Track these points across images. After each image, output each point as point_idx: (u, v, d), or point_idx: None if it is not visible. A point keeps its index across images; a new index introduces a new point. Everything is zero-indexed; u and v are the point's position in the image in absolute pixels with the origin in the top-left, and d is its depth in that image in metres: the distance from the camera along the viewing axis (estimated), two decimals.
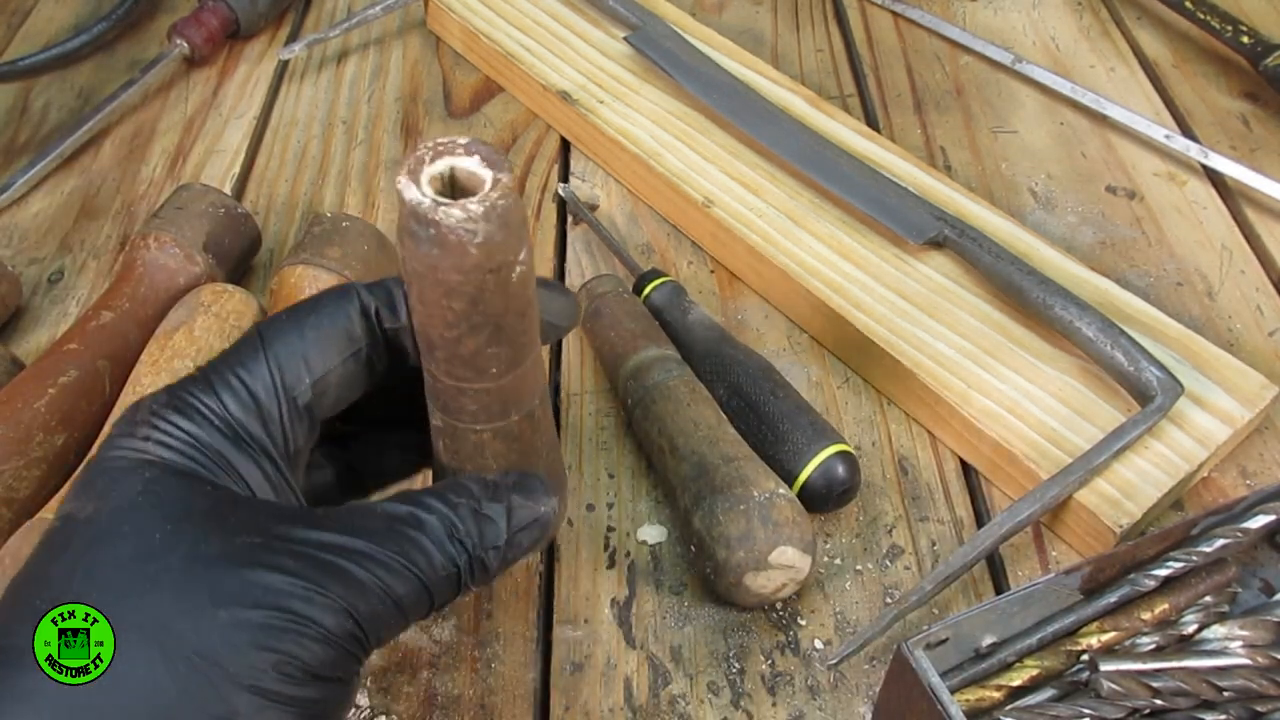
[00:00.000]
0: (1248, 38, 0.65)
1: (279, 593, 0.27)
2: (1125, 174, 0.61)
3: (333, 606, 0.27)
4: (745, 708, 0.39)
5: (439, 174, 0.27)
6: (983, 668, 0.37)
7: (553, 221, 0.59)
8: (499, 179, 0.27)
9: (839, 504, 0.44)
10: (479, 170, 0.27)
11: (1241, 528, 0.38)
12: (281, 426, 0.31)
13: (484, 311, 0.28)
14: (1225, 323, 0.52)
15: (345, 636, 0.28)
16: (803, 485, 0.43)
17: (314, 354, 0.31)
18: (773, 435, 0.44)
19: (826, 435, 0.43)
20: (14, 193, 0.62)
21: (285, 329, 0.31)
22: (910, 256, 0.52)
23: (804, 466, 0.43)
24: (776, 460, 0.43)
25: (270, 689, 0.26)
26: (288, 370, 0.31)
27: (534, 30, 0.67)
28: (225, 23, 0.71)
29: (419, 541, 0.29)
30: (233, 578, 0.27)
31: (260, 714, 0.26)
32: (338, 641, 0.27)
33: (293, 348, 0.31)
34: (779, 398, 0.45)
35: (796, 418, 0.44)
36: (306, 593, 0.27)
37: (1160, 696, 0.35)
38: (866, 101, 0.67)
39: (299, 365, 0.31)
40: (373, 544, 0.28)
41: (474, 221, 0.26)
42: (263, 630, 0.26)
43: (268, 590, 0.27)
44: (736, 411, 0.45)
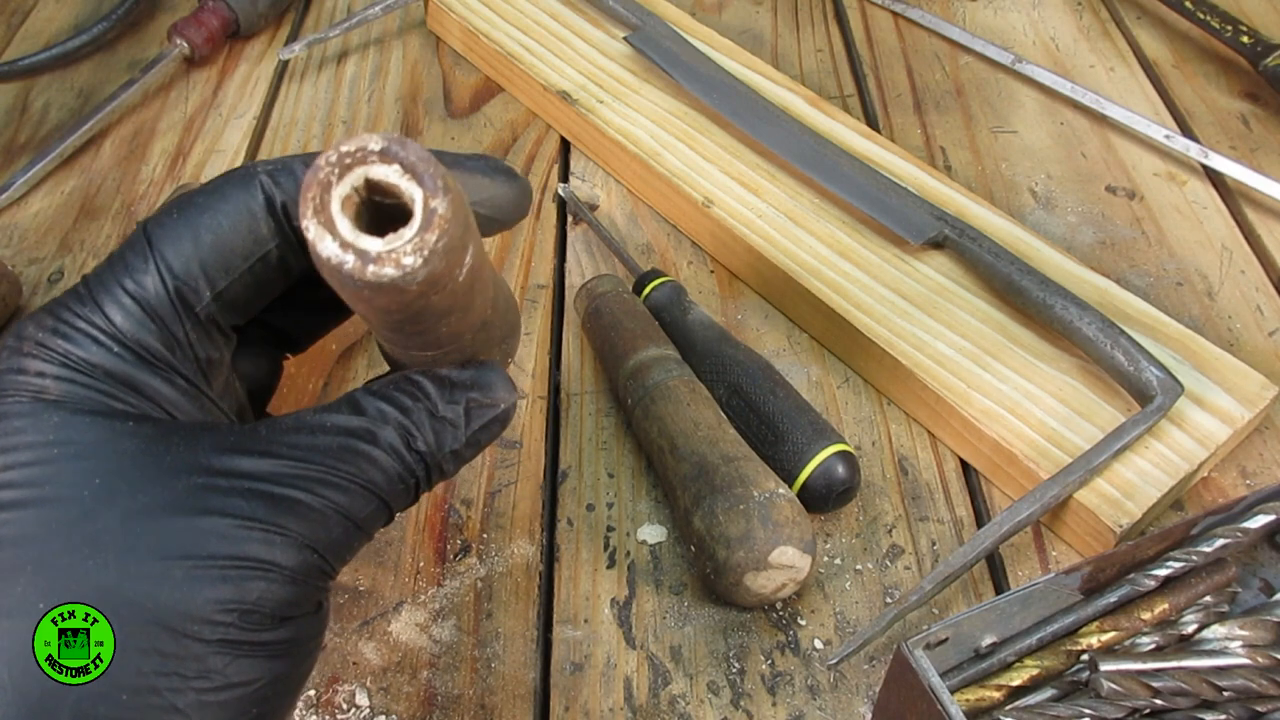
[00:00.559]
0: (1248, 38, 0.65)
1: (234, 539, 0.25)
2: (1125, 174, 0.61)
3: (293, 543, 0.25)
4: (745, 708, 0.39)
5: (353, 193, 0.22)
6: (983, 668, 0.37)
7: (553, 221, 0.59)
8: (431, 203, 0.22)
9: (839, 504, 0.44)
10: (403, 185, 0.22)
11: (1241, 528, 0.38)
12: (187, 340, 0.27)
13: (429, 316, 0.25)
14: (1225, 323, 0.52)
15: (309, 571, 0.26)
16: (803, 485, 0.43)
17: (212, 261, 0.27)
18: (772, 435, 0.44)
19: (826, 435, 0.43)
20: (14, 193, 0.62)
21: (177, 229, 0.27)
22: (910, 256, 0.52)
23: (804, 466, 0.43)
24: (776, 460, 0.43)
25: (239, 639, 0.25)
26: (184, 280, 0.27)
27: (534, 30, 0.67)
28: (225, 23, 0.71)
29: (374, 457, 0.27)
30: (181, 528, 0.24)
31: (233, 665, 0.25)
32: (302, 578, 0.26)
33: (185, 253, 0.27)
34: (779, 397, 0.45)
35: (796, 417, 0.44)
36: (265, 535, 0.25)
37: (1160, 696, 0.35)
38: (866, 101, 0.66)
39: (196, 275, 0.27)
40: (326, 467, 0.26)
41: (412, 270, 0.22)
42: (222, 582, 0.24)
43: (222, 538, 0.24)
44: (736, 411, 0.45)
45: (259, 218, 0.28)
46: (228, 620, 0.24)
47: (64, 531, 0.24)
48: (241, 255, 0.28)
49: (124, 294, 0.27)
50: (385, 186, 0.22)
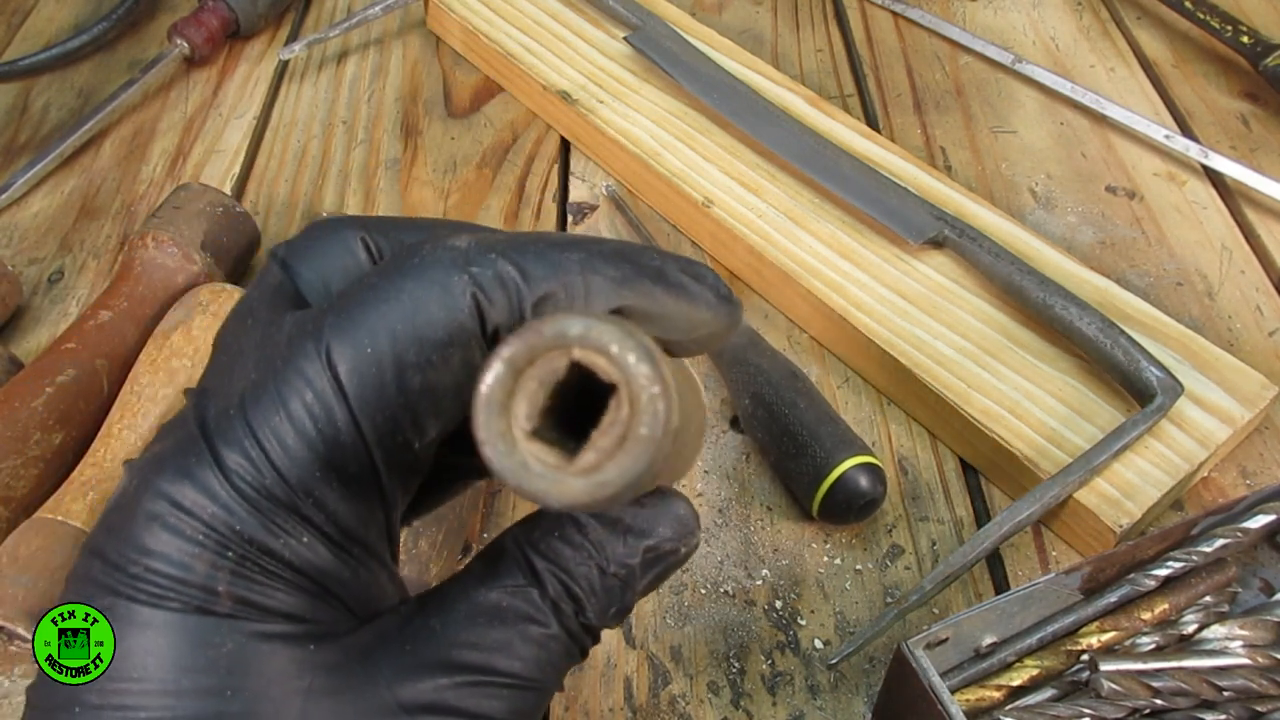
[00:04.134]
0: (1248, 38, 0.65)
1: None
2: (1125, 174, 0.61)
3: None
4: (745, 707, 0.39)
5: (541, 387, 0.18)
6: (983, 668, 0.37)
7: (553, 222, 0.59)
8: (640, 428, 0.18)
9: (863, 515, 0.43)
10: (607, 373, 0.18)
11: (1241, 528, 0.38)
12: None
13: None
14: (1225, 323, 0.52)
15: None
16: (823, 497, 0.42)
17: (424, 406, 0.21)
18: (794, 447, 0.43)
19: (848, 446, 0.43)
20: (14, 193, 0.62)
21: (361, 348, 0.20)
22: (910, 256, 0.52)
23: (824, 478, 0.42)
24: (797, 472, 0.43)
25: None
26: (385, 434, 0.20)
27: (534, 30, 0.67)
28: (225, 23, 0.71)
29: (542, 640, 0.22)
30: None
31: None
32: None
33: (388, 400, 0.20)
34: (801, 408, 0.44)
35: (817, 428, 0.43)
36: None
37: (1160, 696, 0.35)
38: (866, 101, 0.66)
39: (403, 421, 0.21)
40: (503, 679, 0.22)
41: (614, 491, 0.18)
42: None
43: None
44: (760, 421, 0.45)
45: (473, 344, 0.21)
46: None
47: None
48: (453, 391, 0.21)
49: (307, 451, 0.20)
50: (585, 367, 0.18)
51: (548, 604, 0.22)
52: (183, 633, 0.19)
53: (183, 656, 0.19)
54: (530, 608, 0.22)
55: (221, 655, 0.19)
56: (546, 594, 0.22)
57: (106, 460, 0.43)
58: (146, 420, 0.44)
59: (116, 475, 0.42)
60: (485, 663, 0.22)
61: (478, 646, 0.22)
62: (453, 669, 0.21)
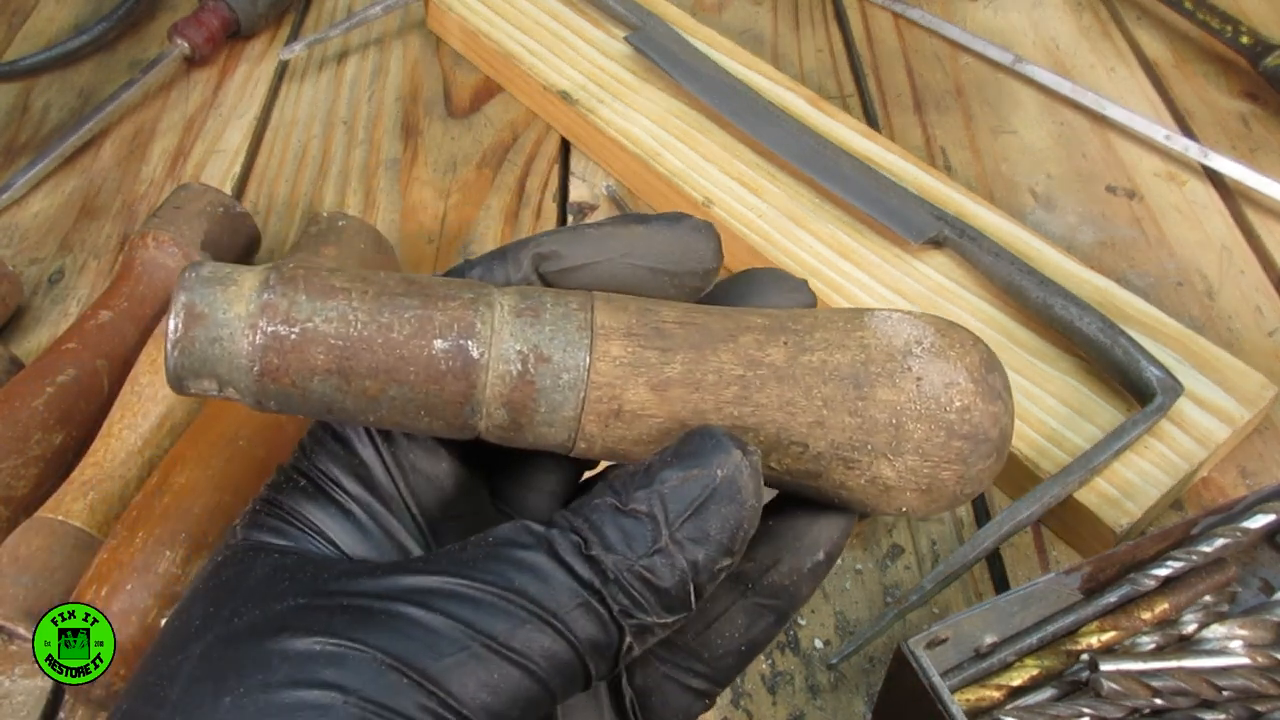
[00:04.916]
0: (1248, 38, 0.65)
1: (301, 660, 0.20)
2: (1125, 174, 0.61)
3: (371, 662, 0.20)
4: (745, 707, 0.39)
5: None
6: (983, 667, 0.37)
7: (553, 221, 0.59)
8: None
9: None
10: None
11: (1241, 528, 0.38)
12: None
13: None
14: (1225, 323, 0.52)
15: (402, 704, 0.19)
16: None
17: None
18: None
19: None
20: (14, 193, 0.62)
21: None
22: (910, 256, 0.52)
23: None
24: None
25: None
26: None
27: (534, 30, 0.67)
28: (225, 23, 0.71)
29: (526, 560, 0.21)
30: (251, 654, 0.20)
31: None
32: (389, 712, 0.19)
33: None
34: None
35: None
36: (337, 652, 0.20)
37: (1160, 696, 0.35)
38: (866, 101, 0.66)
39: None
40: (452, 577, 0.21)
41: None
42: (282, 712, 0.19)
43: (286, 659, 0.20)
44: None
45: None
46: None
47: (160, 661, 0.21)
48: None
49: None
50: None
51: (540, 529, 0.21)
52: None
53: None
54: (509, 535, 0.22)
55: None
56: (539, 525, 0.22)
57: (107, 460, 0.43)
58: (147, 420, 0.44)
59: (116, 475, 0.42)
60: (418, 581, 0.21)
61: (434, 563, 0.22)
62: (398, 574, 0.21)
